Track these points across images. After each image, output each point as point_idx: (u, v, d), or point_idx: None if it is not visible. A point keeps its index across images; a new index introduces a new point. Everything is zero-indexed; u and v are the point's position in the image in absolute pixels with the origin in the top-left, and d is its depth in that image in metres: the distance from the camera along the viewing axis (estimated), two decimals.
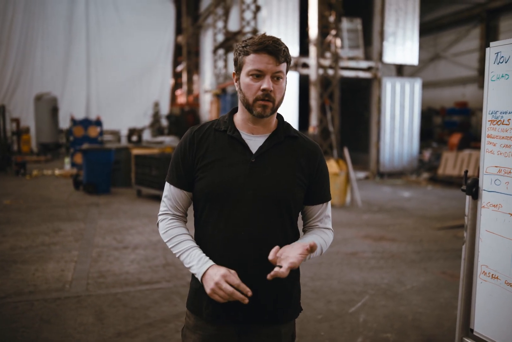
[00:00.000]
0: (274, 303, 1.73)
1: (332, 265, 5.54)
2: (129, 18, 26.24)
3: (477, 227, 2.19)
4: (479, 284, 2.19)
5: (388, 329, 3.85)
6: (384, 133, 14.33)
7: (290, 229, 1.75)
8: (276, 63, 1.62)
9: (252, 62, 1.62)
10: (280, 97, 1.68)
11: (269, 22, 13.27)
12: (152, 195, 10.07)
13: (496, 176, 2.08)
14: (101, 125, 14.79)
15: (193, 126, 1.81)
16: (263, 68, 1.61)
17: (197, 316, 1.76)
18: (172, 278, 4.99)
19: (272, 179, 1.68)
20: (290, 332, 1.83)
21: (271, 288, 1.70)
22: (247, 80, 1.65)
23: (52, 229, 7.09)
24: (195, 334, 1.76)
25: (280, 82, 1.65)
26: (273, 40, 1.62)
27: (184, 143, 1.76)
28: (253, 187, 1.66)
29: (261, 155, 1.70)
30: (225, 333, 1.74)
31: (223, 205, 1.68)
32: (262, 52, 1.61)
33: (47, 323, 3.83)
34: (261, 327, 1.75)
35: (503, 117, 2.04)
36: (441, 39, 20.06)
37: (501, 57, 2.03)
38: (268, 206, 1.68)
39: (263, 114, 1.65)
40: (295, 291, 1.82)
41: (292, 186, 1.70)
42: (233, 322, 1.72)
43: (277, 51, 1.61)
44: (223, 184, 1.66)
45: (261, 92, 1.62)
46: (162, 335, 3.68)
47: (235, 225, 1.67)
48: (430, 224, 7.91)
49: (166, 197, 1.78)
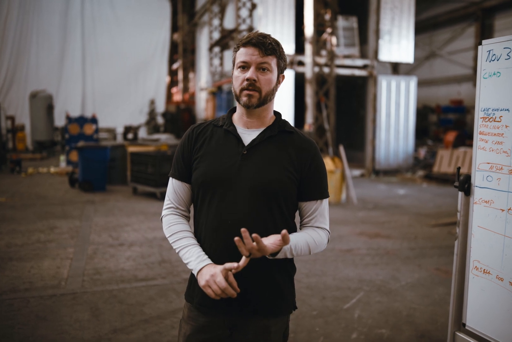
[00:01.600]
0: (261, 295, 1.75)
1: (327, 261, 5.57)
2: (125, 15, 26.16)
3: (469, 223, 2.22)
4: (471, 279, 2.21)
5: (383, 325, 3.88)
6: (379, 131, 14.37)
7: (281, 222, 1.76)
8: (260, 54, 1.69)
9: (240, 55, 1.72)
10: (268, 89, 1.72)
11: (265, 20, 13.27)
12: (148, 193, 10.07)
13: (488, 172, 2.10)
14: (96, 123, 14.77)
15: (194, 124, 1.91)
16: (248, 59, 1.69)
17: (191, 306, 1.83)
18: (168, 274, 5.01)
19: (261, 171, 1.72)
20: (282, 330, 1.83)
21: (260, 280, 1.74)
22: (235, 73, 1.74)
23: (48, 226, 7.09)
24: (188, 325, 1.83)
25: (266, 74, 1.71)
26: (259, 34, 1.71)
27: (185, 138, 1.86)
28: (242, 178, 1.71)
29: (253, 148, 1.75)
30: (215, 325, 1.78)
31: (213, 195, 1.74)
32: (248, 45, 1.70)
33: (43, 320, 3.84)
34: (249, 321, 1.77)
35: (495, 114, 2.06)
36: (437, 38, 20.11)
37: (493, 55, 2.05)
38: (256, 197, 1.70)
39: (249, 104, 1.71)
40: (287, 286, 1.83)
41: (281, 177, 1.72)
42: (221, 313, 1.76)
43: (261, 43, 1.68)
44: (214, 174, 1.73)
45: (246, 82, 1.69)
46: (158, 331, 3.70)
47: (222, 214, 1.72)
48: (425, 221, 7.95)
49: (170, 191, 1.86)
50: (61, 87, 24.57)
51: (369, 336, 3.69)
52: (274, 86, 1.74)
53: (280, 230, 1.62)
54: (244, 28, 15.18)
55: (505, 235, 2.02)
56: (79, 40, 25.30)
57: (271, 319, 1.79)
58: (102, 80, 25.64)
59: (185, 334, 1.83)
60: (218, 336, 1.79)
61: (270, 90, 1.73)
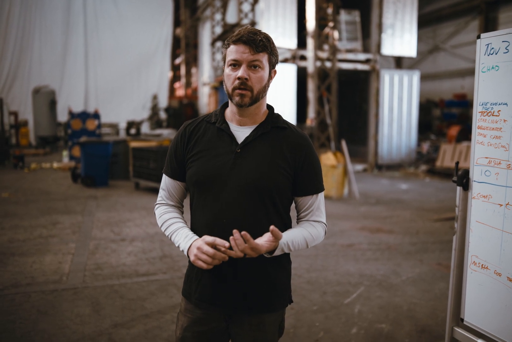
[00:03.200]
0: (256, 290, 1.77)
1: (328, 256, 5.57)
2: (127, 11, 26.12)
3: (468, 218, 2.21)
4: (469, 274, 2.21)
5: (383, 320, 3.88)
6: (382, 125, 14.32)
7: (276, 218, 1.77)
8: (251, 52, 1.66)
9: (230, 53, 1.69)
10: (260, 87, 1.70)
11: (267, 14, 13.21)
12: (150, 188, 10.08)
13: (486, 167, 2.09)
14: (99, 118, 14.77)
15: (188, 120, 1.89)
16: (239, 57, 1.67)
17: (188, 300, 1.86)
18: (169, 269, 5.02)
19: (255, 168, 1.71)
20: (277, 323, 1.86)
21: (254, 275, 1.75)
22: (227, 71, 1.72)
23: (50, 221, 7.11)
24: (185, 317, 1.86)
25: (257, 71, 1.69)
26: (250, 31, 1.68)
27: (177, 136, 1.85)
28: (236, 176, 1.71)
29: (246, 146, 1.74)
30: (211, 317, 1.81)
31: (208, 193, 1.74)
32: (238, 42, 1.67)
33: (44, 315, 3.86)
34: (245, 315, 1.80)
35: (493, 108, 2.05)
36: (440, 31, 19.99)
37: (492, 48, 2.04)
38: (250, 194, 1.71)
39: (241, 103, 1.70)
40: (282, 281, 1.84)
41: (274, 174, 1.72)
42: (218, 306, 1.79)
43: (252, 41, 1.66)
44: (208, 173, 1.73)
45: (237, 81, 1.67)
46: (158, 326, 3.71)
47: (217, 212, 1.72)
48: (427, 215, 7.93)
49: (162, 187, 1.90)
50: (64, 83, 24.58)
51: (369, 331, 3.69)
52: (266, 83, 1.73)
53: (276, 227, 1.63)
54: (246, 23, 15.12)
55: (503, 230, 2.01)
56: (81, 36, 25.27)
57: (266, 313, 1.82)
58: (105, 75, 25.63)
59: (182, 326, 1.86)
60: (215, 328, 1.83)
61: (262, 88, 1.71)
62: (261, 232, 1.67)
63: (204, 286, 1.78)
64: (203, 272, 1.77)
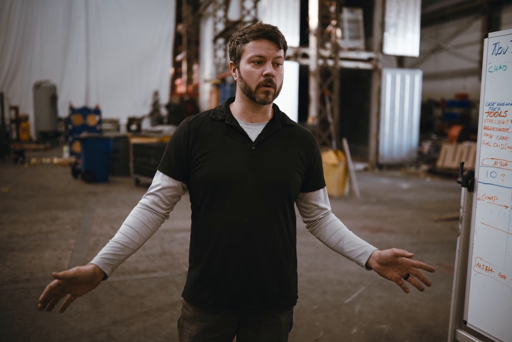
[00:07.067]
0: (279, 289, 1.75)
1: (328, 255, 5.55)
2: (129, 6, 26.04)
3: (472, 219, 2.19)
4: (473, 276, 2.19)
5: (384, 320, 3.87)
6: (383, 124, 14.30)
7: (290, 215, 1.78)
8: (276, 48, 1.64)
9: (253, 49, 1.64)
10: (280, 84, 1.69)
11: (269, 12, 13.17)
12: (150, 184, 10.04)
13: (492, 168, 2.07)
14: (100, 114, 14.75)
15: (189, 116, 1.79)
16: (265, 54, 1.63)
17: (196, 307, 1.75)
18: (169, 267, 5.00)
19: (273, 166, 1.69)
20: (289, 320, 1.85)
21: (277, 274, 1.74)
22: (248, 68, 1.65)
23: (50, 217, 7.09)
24: (194, 325, 1.75)
25: (280, 69, 1.67)
26: (272, 26, 1.65)
27: (179, 133, 1.74)
28: (254, 174, 1.67)
29: (261, 143, 1.71)
30: (224, 323, 1.73)
31: (225, 193, 1.67)
32: (262, 38, 1.63)
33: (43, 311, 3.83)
34: (260, 316, 1.75)
35: (500, 109, 2.02)
36: (443, 31, 19.94)
37: (499, 48, 2.01)
38: (270, 192, 1.69)
39: (266, 101, 1.66)
40: (294, 279, 1.84)
41: (292, 172, 1.73)
42: (237, 309, 1.71)
43: (277, 37, 1.63)
44: (224, 172, 1.66)
45: (263, 78, 1.63)
46: (157, 324, 3.70)
47: (238, 213, 1.67)
48: (428, 215, 7.92)
49: (153, 189, 1.81)
50: (65, 78, 24.52)
51: (369, 331, 3.68)
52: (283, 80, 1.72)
53: (290, 222, 1.72)
54: (249, 20, 15.08)
55: (509, 232, 1.99)
56: (83, 31, 25.20)
57: (282, 311, 1.79)
58: (106, 71, 25.57)
59: (190, 335, 1.75)
60: (226, 334, 1.75)
61: (281, 85, 1.70)
62: (278, 228, 1.70)
63: (222, 290, 1.70)
64: (219, 277, 1.70)
